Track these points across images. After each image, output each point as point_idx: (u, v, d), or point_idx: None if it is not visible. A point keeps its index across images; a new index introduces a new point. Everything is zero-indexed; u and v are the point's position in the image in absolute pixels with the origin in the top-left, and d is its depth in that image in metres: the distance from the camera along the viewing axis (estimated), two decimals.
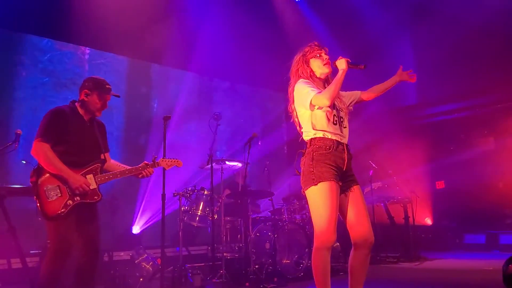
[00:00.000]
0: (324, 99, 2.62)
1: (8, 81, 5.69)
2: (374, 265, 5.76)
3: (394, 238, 6.78)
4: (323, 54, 2.85)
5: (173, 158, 3.59)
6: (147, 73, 7.20)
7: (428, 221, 8.08)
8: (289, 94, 2.90)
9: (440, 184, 8.05)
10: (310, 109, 2.72)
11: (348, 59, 2.73)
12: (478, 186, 7.27)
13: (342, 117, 2.81)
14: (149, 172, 3.36)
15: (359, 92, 3.03)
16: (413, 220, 6.77)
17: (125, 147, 6.65)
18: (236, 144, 7.95)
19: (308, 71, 2.85)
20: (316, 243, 2.62)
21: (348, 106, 2.93)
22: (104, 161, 3.26)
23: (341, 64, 2.72)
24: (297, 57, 2.92)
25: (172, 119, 6.78)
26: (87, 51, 6.50)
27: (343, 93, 2.95)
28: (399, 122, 8.20)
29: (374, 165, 6.57)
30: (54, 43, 6.16)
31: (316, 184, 2.62)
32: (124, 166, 3.37)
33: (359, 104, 3.07)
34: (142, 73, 7.08)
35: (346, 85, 2.85)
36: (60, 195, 2.96)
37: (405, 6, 7.68)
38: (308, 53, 2.87)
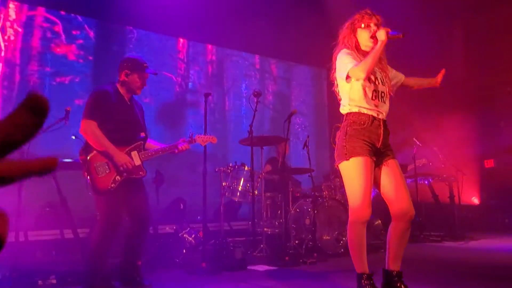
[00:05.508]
0: (359, 72, 2.52)
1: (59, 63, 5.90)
2: (417, 244, 5.68)
3: (438, 217, 6.61)
4: (371, 25, 2.66)
5: (209, 135, 3.65)
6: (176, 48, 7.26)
7: (475, 201, 7.81)
8: (332, 63, 2.78)
9: (489, 163, 7.73)
10: (347, 81, 2.64)
11: (388, 29, 2.56)
12: None
13: (383, 92, 2.69)
14: (184, 147, 3.43)
15: (403, 76, 2.90)
16: (459, 199, 6.57)
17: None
18: (273, 120, 7.96)
19: (354, 42, 2.72)
20: (351, 217, 2.61)
21: (391, 86, 2.80)
22: (146, 138, 3.36)
23: (381, 35, 2.55)
24: (346, 24, 2.78)
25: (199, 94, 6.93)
26: (135, 31, 6.71)
27: (391, 69, 2.84)
28: (445, 97, 7.86)
29: (418, 143, 6.37)
30: (98, 22, 6.37)
31: (348, 159, 2.59)
32: (161, 144, 3.47)
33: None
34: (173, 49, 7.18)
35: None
36: (108, 171, 3.09)
37: None
38: (356, 21, 2.71)
